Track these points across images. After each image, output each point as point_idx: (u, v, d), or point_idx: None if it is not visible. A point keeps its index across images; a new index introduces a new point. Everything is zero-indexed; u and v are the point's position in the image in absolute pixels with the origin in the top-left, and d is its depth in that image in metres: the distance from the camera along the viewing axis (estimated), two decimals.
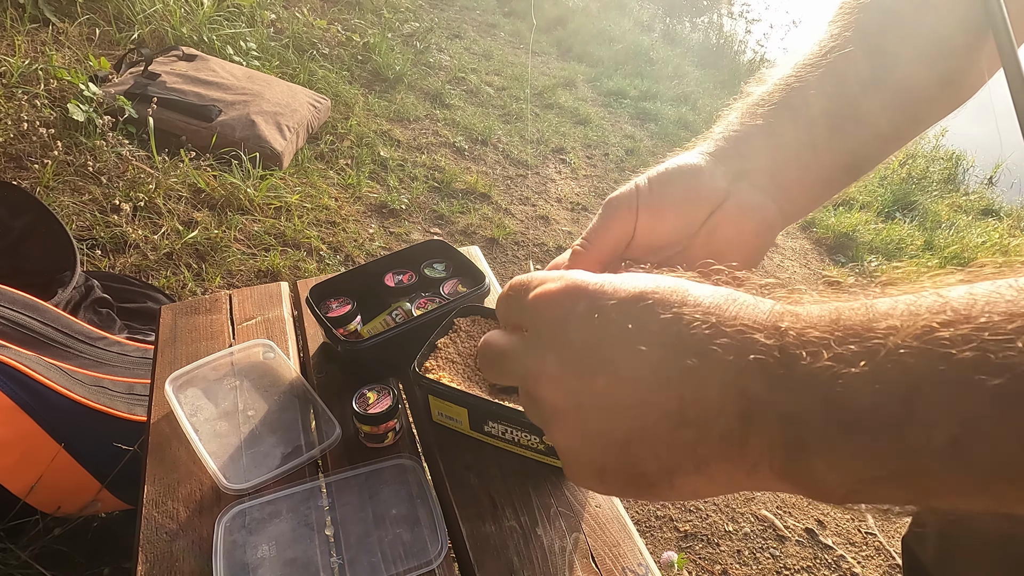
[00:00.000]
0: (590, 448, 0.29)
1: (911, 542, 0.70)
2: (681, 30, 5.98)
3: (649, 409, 0.26)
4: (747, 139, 0.43)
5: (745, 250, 0.42)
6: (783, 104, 0.42)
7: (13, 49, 2.32)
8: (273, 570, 0.60)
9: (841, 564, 1.51)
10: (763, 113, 0.43)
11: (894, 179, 3.74)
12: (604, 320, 0.28)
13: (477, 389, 0.71)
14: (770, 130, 0.42)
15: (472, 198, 2.61)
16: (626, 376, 0.27)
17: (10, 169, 1.91)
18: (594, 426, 0.28)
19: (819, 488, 0.24)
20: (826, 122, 0.42)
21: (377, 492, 0.68)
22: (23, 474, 0.98)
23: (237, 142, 2.21)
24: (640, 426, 0.27)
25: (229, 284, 1.85)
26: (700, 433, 0.26)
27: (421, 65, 3.57)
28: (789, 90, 0.43)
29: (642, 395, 0.26)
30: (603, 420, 0.28)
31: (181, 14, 2.83)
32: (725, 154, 0.42)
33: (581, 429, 0.29)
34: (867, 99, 0.42)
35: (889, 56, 0.43)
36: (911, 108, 0.44)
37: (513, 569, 0.61)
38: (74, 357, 1.11)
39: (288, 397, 0.78)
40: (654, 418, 0.26)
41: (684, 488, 0.27)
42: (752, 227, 0.42)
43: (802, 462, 0.23)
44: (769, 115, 0.43)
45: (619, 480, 0.29)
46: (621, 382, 0.27)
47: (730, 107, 0.45)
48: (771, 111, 0.43)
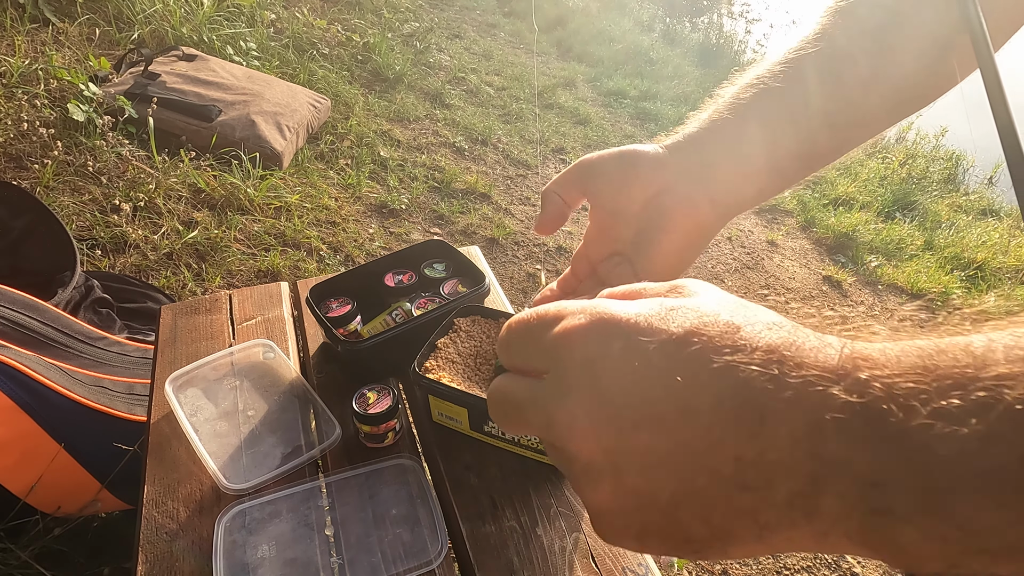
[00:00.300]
0: (629, 511, 0.25)
1: None
2: (681, 30, 5.98)
3: (700, 472, 0.23)
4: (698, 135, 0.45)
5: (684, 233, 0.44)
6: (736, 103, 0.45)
7: (13, 49, 2.32)
8: (273, 570, 0.60)
9: (841, 564, 1.51)
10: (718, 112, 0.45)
11: (894, 179, 3.74)
12: (645, 366, 0.24)
13: (477, 389, 0.71)
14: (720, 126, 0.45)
15: (472, 198, 2.61)
16: (673, 433, 0.23)
17: (10, 169, 1.91)
18: (634, 486, 0.24)
19: (910, 558, 0.20)
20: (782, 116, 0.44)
21: (377, 492, 0.68)
22: (23, 474, 0.98)
23: (237, 142, 2.21)
24: (690, 489, 0.23)
25: (229, 284, 1.85)
26: (761, 499, 0.22)
27: (421, 65, 3.57)
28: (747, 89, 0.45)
29: (692, 456, 0.23)
30: (645, 481, 0.24)
31: (181, 14, 2.83)
32: (678, 148, 0.45)
33: (619, 490, 0.25)
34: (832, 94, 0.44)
35: (886, 54, 0.43)
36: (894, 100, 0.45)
37: (513, 569, 0.61)
38: (74, 357, 1.11)
39: (288, 397, 0.78)
40: (705, 482, 0.23)
41: (738, 553, 0.24)
42: (685, 214, 0.44)
43: (888, 530, 0.20)
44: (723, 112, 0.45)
45: (662, 544, 0.25)
46: (667, 440, 0.23)
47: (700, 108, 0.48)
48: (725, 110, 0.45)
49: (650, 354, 0.24)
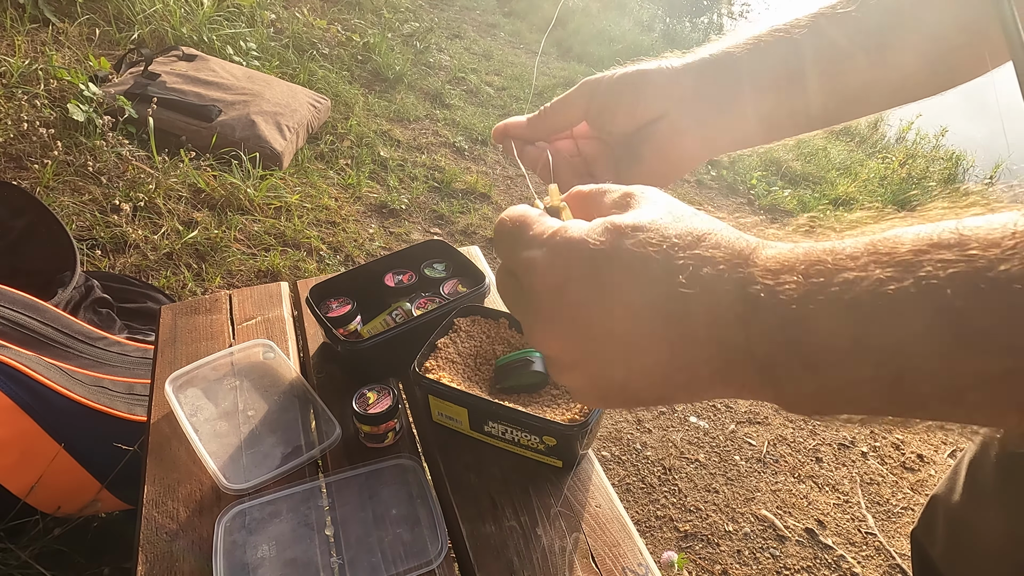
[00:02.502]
0: (592, 386, 0.32)
1: (920, 536, 0.70)
2: (681, 30, 5.98)
3: (645, 361, 0.30)
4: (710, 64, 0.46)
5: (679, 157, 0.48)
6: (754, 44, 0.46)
7: (13, 49, 2.32)
8: (273, 570, 0.60)
9: (841, 564, 1.51)
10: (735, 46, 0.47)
11: (894, 179, 3.74)
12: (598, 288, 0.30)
13: (477, 389, 0.71)
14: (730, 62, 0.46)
15: (472, 198, 2.61)
16: (623, 338, 0.30)
17: (10, 169, 1.91)
18: (594, 373, 0.32)
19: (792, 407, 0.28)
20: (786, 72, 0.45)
21: (377, 492, 0.68)
22: (23, 474, 0.98)
23: (237, 142, 2.21)
24: (638, 372, 0.30)
25: (229, 284, 1.85)
26: (691, 375, 0.29)
27: (421, 65, 3.57)
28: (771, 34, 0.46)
29: (639, 351, 0.30)
30: (603, 370, 0.31)
31: (181, 14, 2.83)
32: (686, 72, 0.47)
33: (583, 376, 0.32)
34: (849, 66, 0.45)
35: (888, 51, 0.43)
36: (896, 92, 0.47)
37: (513, 569, 0.61)
38: (74, 357, 1.11)
39: (288, 397, 0.78)
40: (650, 366, 0.30)
41: (675, 403, 0.32)
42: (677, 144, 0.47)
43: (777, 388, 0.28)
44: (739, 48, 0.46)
45: (620, 404, 0.33)
46: (619, 343, 0.30)
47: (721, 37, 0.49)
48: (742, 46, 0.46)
49: (601, 276, 0.30)
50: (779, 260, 0.28)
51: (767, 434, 1.85)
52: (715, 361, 0.28)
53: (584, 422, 0.64)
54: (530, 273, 0.32)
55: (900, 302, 0.24)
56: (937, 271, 0.23)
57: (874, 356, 0.24)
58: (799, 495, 1.68)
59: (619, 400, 0.32)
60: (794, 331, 0.26)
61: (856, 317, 0.24)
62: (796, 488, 1.70)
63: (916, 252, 0.24)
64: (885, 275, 0.24)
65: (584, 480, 0.69)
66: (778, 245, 0.29)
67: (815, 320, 0.25)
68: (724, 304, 0.28)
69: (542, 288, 0.31)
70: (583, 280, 0.30)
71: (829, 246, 0.27)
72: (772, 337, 0.27)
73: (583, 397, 0.34)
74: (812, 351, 0.26)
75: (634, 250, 0.29)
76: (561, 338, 0.31)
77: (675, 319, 0.28)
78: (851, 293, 0.25)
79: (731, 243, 0.29)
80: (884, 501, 1.71)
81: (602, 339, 0.30)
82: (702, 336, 0.28)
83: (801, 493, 1.69)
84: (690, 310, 0.28)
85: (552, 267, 0.31)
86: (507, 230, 0.34)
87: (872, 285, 0.24)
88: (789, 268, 0.27)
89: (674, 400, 0.32)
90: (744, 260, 0.28)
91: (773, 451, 1.79)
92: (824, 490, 1.71)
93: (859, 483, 1.75)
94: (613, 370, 0.31)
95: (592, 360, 0.31)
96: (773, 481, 1.71)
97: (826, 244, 0.27)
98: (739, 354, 0.28)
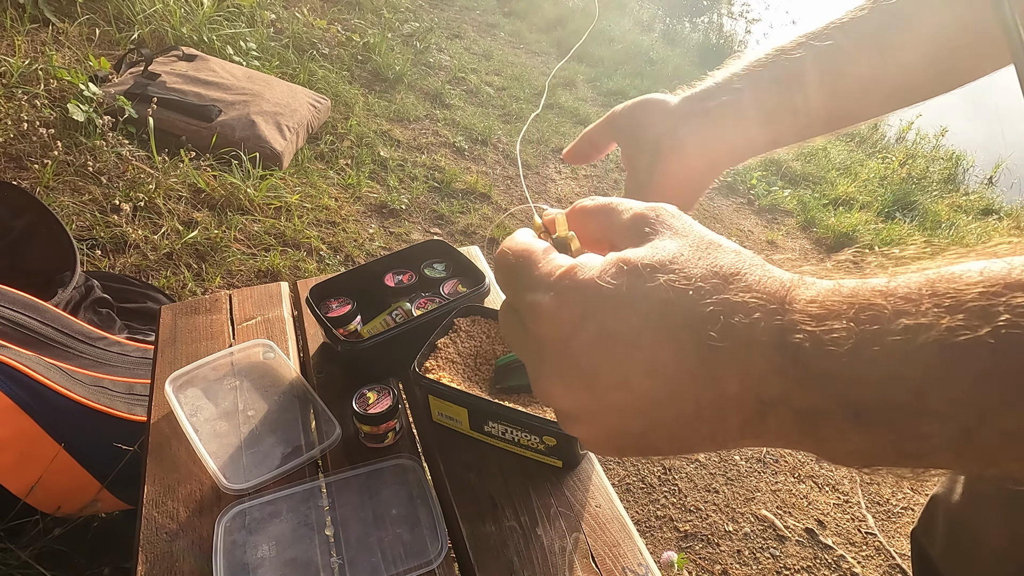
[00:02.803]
0: (606, 439, 0.30)
1: (920, 536, 0.70)
2: (681, 30, 5.98)
3: (664, 413, 0.27)
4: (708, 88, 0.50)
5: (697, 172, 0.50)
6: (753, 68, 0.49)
7: (13, 49, 2.32)
8: (273, 570, 0.60)
9: (841, 564, 1.51)
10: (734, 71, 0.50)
11: (894, 179, 3.74)
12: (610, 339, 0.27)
13: (477, 389, 0.71)
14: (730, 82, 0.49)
15: (472, 198, 2.61)
16: (640, 390, 0.27)
17: (10, 169, 1.91)
18: (608, 426, 0.29)
19: (836, 460, 0.25)
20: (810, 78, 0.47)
21: (377, 492, 0.68)
22: (23, 474, 0.98)
23: (237, 142, 2.21)
24: (656, 424, 0.27)
25: (229, 284, 1.85)
26: (716, 427, 0.27)
27: (421, 65, 3.57)
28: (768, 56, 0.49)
29: (657, 404, 0.27)
30: (618, 423, 0.28)
31: (181, 14, 2.83)
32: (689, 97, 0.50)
33: (595, 428, 0.29)
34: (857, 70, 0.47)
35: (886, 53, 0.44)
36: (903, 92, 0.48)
37: (513, 569, 0.61)
38: (74, 357, 1.11)
39: (288, 397, 0.78)
40: (670, 419, 0.27)
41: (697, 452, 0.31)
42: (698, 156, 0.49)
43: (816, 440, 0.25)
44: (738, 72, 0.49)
45: (635, 454, 0.30)
46: (635, 395, 0.27)
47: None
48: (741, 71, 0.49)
49: (616, 326, 0.27)
50: (823, 304, 0.24)
51: None
52: (746, 413, 0.26)
53: None
54: (535, 319, 0.29)
55: (973, 353, 0.21)
56: (1018, 318, 0.20)
57: (941, 412, 0.22)
58: (799, 495, 1.68)
59: (634, 451, 0.30)
60: (843, 385, 0.23)
61: (921, 369, 0.22)
62: (796, 488, 1.70)
63: (988, 295, 0.21)
64: (955, 323, 0.21)
65: (584, 480, 0.69)
66: (818, 284, 0.26)
67: (869, 373, 0.23)
68: (759, 356, 0.25)
69: (547, 337, 0.28)
70: (595, 330, 0.27)
71: (880, 285, 0.24)
72: (816, 391, 0.24)
73: (595, 447, 0.31)
74: (865, 407, 0.23)
75: (653, 295, 0.26)
76: (570, 391, 0.28)
77: (702, 373, 0.26)
78: (913, 344, 0.22)
79: (764, 284, 0.26)
80: (884, 501, 1.71)
81: (617, 393, 0.27)
82: (732, 391, 0.25)
83: (801, 493, 1.69)
84: (719, 364, 0.25)
85: (558, 315, 0.28)
86: (509, 265, 0.31)
87: (940, 335, 0.21)
88: (835, 313, 0.24)
89: (696, 451, 0.29)
90: (780, 304, 0.25)
91: (773, 451, 1.79)
92: (824, 490, 1.71)
93: (859, 483, 1.75)
94: (629, 423, 0.28)
95: (605, 414, 0.28)
96: (773, 481, 1.71)
97: (876, 282, 0.24)
98: (775, 407, 0.25)
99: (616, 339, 0.27)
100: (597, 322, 0.27)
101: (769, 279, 0.26)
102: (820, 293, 0.25)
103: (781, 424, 0.25)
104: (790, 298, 0.25)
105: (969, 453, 0.22)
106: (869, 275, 0.25)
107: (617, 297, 0.27)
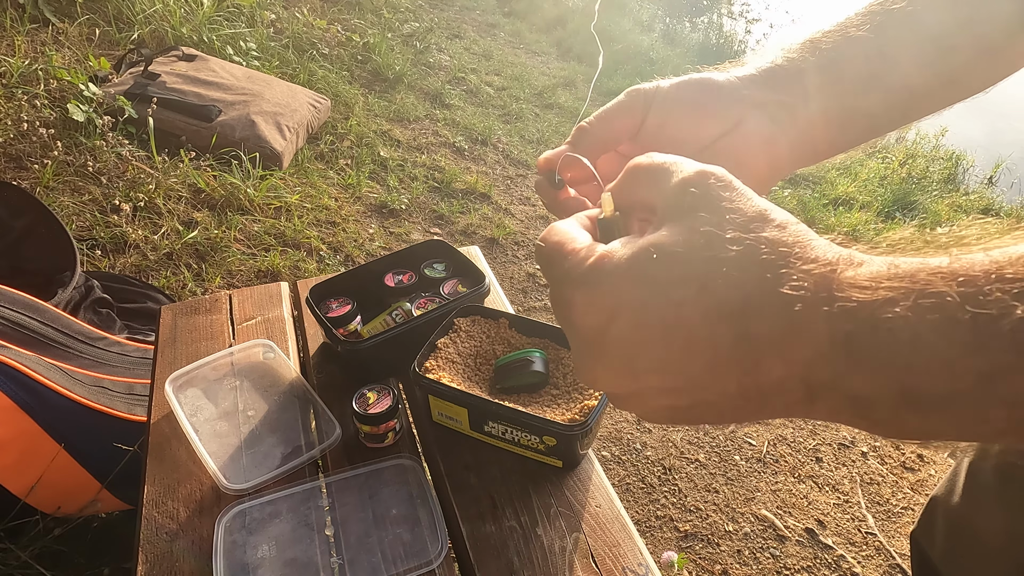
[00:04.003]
0: (655, 413, 0.30)
1: (920, 537, 0.70)
2: (681, 30, 5.98)
3: (709, 393, 0.27)
4: (776, 73, 0.42)
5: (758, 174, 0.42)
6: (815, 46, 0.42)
7: (13, 49, 2.32)
8: (273, 570, 0.60)
9: (841, 564, 1.51)
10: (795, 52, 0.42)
11: (894, 179, 3.74)
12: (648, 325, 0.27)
13: (477, 389, 0.71)
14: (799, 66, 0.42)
15: (472, 198, 2.61)
16: (682, 374, 0.27)
17: (10, 169, 1.91)
18: (655, 406, 0.29)
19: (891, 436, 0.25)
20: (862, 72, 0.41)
21: (377, 492, 0.68)
22: (23, 474, 0.98)
23: (237, 142, 2.21)
24: (701, 403, 0.28)
25: (229, 284, 1.85)
26: (762, 407, 0.27)
27: (421, 65, 3.57)
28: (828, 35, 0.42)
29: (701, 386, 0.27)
30: (664, 402, 0.29)
31: (181, 14, 2.83)
32: (753, 81, 0.42)
33: (641, 408, 0.30)
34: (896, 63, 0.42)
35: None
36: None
37: (513, 569, 0.61)
38: (74, 357, 1.11)
39: (288, 397, 0.78)
40: (714, 398, 0.27)
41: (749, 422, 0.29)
42: (763, 153, 0.41)
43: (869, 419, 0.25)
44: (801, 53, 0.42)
45: (690, 423, 0.30)
46: (678, 377, 0.27)
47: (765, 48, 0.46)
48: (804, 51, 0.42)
49: (652, 311, 0.26)
50: (877, 288, 0.23)
51: (767, 434, 1.85)
52: (793, 397, 0.25)
53: (584, 422, 0.64)
54: (570, 312, 0.29)
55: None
56: None
57: (1009, 400, 0.21)
58: (799, 495, 1.68)
59: (686, 422, 0.30)
60: (902, 372, 0.22)
61: (989, 360, 0.21)
62: (796, 488, 1.70)
63: None
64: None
65: (584, 480, 0.69)
66: (871, 263, 0.25)
67: (931, 362, 0.22)
68: (804, 344, 0.24)
69: (584, 327, 0.29)
70: (629, 319, 0.27)
71: (942, 267, 0.22)
72: (870, 379, 0.23)
73: (648, 420, 0.31)
74: (926, 394, 0.22)
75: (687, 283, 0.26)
76: (613, 376, 0.29)
77: (741, 359, 0.25)
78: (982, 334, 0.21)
79: (809, 267, 0.25)
80: (884, 501, 1.71)
81: (658, 376, 0.27)
82: (775, 376, 0.25)
83: (801, 493, 1.69)
84: (760, 351, 0.25)
85: (591, 307, 0.28)
86: (544, 258, 0.31)
87: (1014, 324, 0.20)
88: (892, 300, 0.23)
89: (748, 422, 0.29)
90: (828, 290, 0.24)
91: (773, 451, 1.79)
92: (824, 490, 1.71)
93: (859, 483, 1.75)
94: (676, 401, 0.28)
95: (650, 396, 0.29)
96: (773, 481, 1.70)
97: (936, 263, 0.23)
98: (825, 392, 0.24)
99: (651, 327, 0.27)
100: (631, 311, 0.27)
101: (815, 260, 0.25)
102: (874, 274, 0.24)
103: (831, 406, 0.25)
104: (839, 282, 0.24)
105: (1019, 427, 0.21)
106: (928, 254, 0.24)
107: (650, 286, 0.27)
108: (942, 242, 0.26)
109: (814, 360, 0.24)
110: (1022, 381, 0.21)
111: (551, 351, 0.76)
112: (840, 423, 0.26)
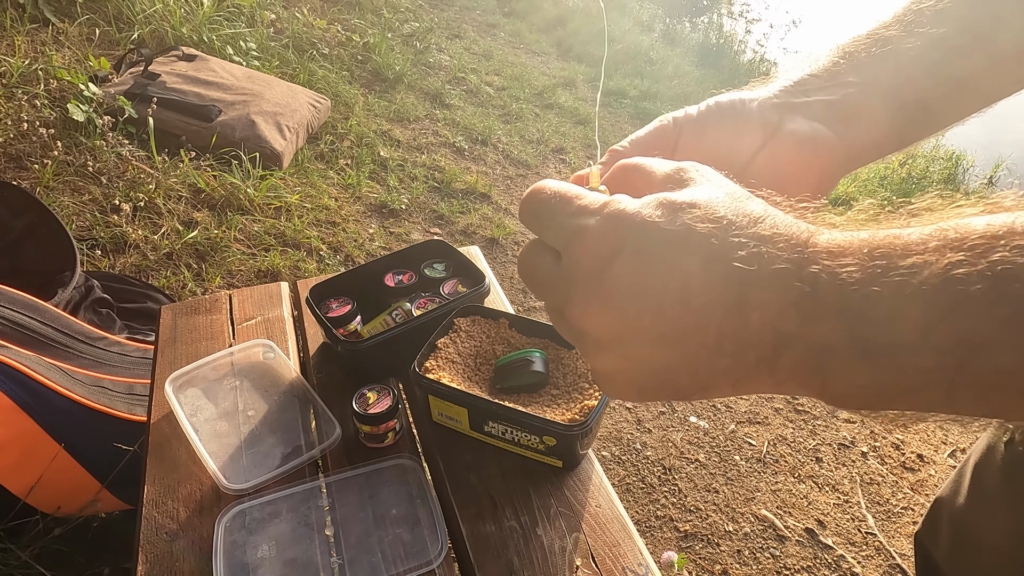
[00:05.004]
0: (631, 373, 0.31)
1: (924, 538, 0.70)
2: (681, 30, 5.98)
3: (690, 344, 0.28)
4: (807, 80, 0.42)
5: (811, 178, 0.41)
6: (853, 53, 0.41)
7: (13, 49, 2.32)
8: (273, 570, 0.60)
9: (841, 564, 1.51)
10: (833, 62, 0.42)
11: (894, 179, 3.75)
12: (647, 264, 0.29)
13: (477, 389, 0.71)
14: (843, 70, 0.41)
15: (472, 198, 2.61)
16: (671, 318, 0.28)
17: (10, 169, 1.91)
18: (636, 356, 0.30)
19: (838, 400, 0.27)
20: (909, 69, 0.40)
21: (377, 492, 0.68)
22: (23, 474, 0.98)
23: (237, 142, 2.21)
24: (681, 356, 0.29)
25: (229, 284, 1.85)
26: (735, 362, 0.28)
27: (421, 65, 3.57)
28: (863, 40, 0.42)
29: (685, 333, 0.28)
30: (646, 352, 0.29)
31: (181, 14, 2.83)
32: (785, 90, 0.42)
33: (623, 359, 0.30)
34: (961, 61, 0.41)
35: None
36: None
37: (513, 569, 0.61)
38: (74, 357, 1.11)
39: (288, 397, 0.78)
40: (694, 350, 0.28)
41: (713, 395, 0.31)
42: (812, 153, 0.40)
43: (824, 379, 0.27)
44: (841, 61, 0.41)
45: (657, 395, 0.31)
46: (666, 323, 0.28)
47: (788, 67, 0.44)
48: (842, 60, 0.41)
49: (655, 250, 0.28)
50: (839, 244, 0.26)
51: (767, 434, 1.85)
52: (763, 347, 0.27)
53: (584, 422, 0.64)
54: (579, 240, 0.30)
55: (972, 289, 0.22)
56: (1015, 256, 0.22)
57: (939, 346, 0.23)
58: (799, 495, 1.68)
59: (655, 391, 0.31)
60: (853, 316, 0.25)
61: (924, 303, 0.23)
62: (796, 488, 1.70)
63: (990, 237, 0.23)
64: (956, 258, 0.23)
65: (584, 480, 0.69)
66: (837, 230, 0.28)
67: (878, 305, 0.24)
68: (781, 286, 0.26)
69: (589, 256, 0.30)
70: (634, 256, 0.29)
71: (893, 232, 0.26)
72: (829, 323, 0.25)
73: (615, 386, 0.32)
74: (871, 338, 0.25)
75: (690, 225, 0.28)
76: (603, 313, 0.29)
77: (728, 301, 0.27)
78: (919, 277, 0.23)
79: (789, 226, 0.28)
80: (884, 501, 1.71)
81: (648, 318, 0.28)
82: (754, 320, 0.27)
83: (801, 493, 1.69)
84: (745, 292, 0.27)
85: (604, 235, 0.29)
86: (545, 200, 0.32)
87: (941, 270, 0.23)
88: (849, 251, 0.26)
89: (714, 391, 0.30)
90: (802, 243, 0.27)
91: (773, 451, 1.79)
92: (824, 490, 1.71)
93: (859, 483, 1.75)
94: (655, 354, 0.29)
95: (633, 342, 0.29)
96: (773, 481, 1.71)
97: (889, 230, 0.26)
98: (790, 342, 0.27)
99: (653, 267, 0.28)
100: (637, 248, 0.29)
101: (794, 223, 0.28)
102: (838, 236, 0.27)
103: (794, 361, 0.27)
104: (812, 240, 0.27)
105: (962, 389, 0.23)
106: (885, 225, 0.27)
107: (657, 228, 0.29)
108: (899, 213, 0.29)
109: (785, 307, 0.26)
110: (954, 330, 0.23)
111: (551, 351, 0.76)
112: (799, 388, 0.28)
